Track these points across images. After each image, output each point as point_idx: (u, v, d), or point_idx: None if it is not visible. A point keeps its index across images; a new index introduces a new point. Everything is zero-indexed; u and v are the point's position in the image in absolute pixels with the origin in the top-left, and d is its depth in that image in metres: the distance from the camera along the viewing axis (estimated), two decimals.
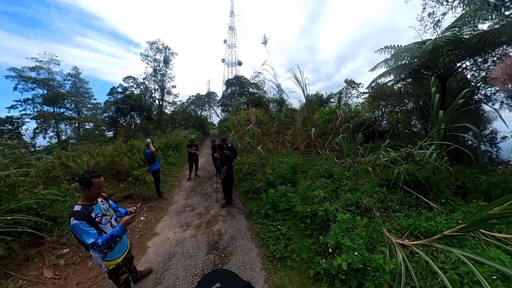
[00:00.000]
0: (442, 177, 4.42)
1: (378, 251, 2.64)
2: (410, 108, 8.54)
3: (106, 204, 2.11)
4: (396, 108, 8.79)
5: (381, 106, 9.06)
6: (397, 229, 3.24)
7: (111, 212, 2.12)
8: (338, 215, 3.00)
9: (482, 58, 6.62)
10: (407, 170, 4.09)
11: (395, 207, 3.82)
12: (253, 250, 3.12)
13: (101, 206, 2.02)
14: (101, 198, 2.10)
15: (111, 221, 2.04)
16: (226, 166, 4.08)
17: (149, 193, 5.11)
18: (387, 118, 8.91)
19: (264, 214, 3.74)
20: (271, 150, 6.51)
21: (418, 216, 3.47)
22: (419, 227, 3.15)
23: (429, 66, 6.17)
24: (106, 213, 2.03)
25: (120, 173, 5.47)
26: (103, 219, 1.96)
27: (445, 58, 6.17)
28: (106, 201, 2.14)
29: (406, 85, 8.69)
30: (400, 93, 8.39)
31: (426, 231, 3.03)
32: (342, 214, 2.77)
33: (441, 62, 6.35)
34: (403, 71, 5.56)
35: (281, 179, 4.22)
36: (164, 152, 8.32)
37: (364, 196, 3.69)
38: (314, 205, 3.39)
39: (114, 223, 2.07)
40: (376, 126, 8.10)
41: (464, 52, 5.93)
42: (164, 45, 21.45)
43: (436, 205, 3.78)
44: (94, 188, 1.86)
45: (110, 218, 2.05)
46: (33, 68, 19.26)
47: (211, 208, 4.39)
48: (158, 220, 4.08)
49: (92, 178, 1.84)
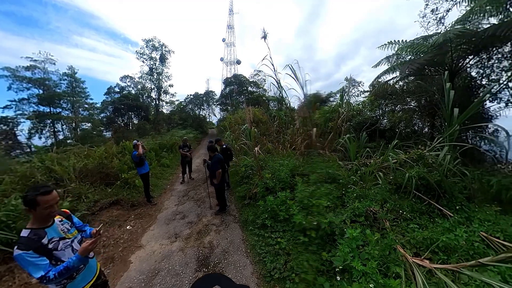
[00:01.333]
0: (454, 181, 4.03)
1: (392, 273, 2.24)
2: (412, 107, 8.18)
3: (68, 223, 1.67)
4: (397, 107, 8.44)
5: (382, 104, 8.70)
6: (412, 243, 2.84)
7: (74, 233, 1.68)
8: (346, 229, 2.59)
9: (487, 55, 6.22)
10: (419, 174, 3.67)
11: (406, 215, 3.41)
12: (248, 268, 2.71)
13: (59, 228, 1.58)
14: (60, 216, 1.67)
15: (72, 244, 1.61)
16: (221, 168, 3.69)
17: (138, 198, 4.70)
18: (389, 116, 8.55)
19: (261, 224, 3.33)
20: (270, 151, 6.10)
21: (434, 227, 3.07)
22: (437, 241, 2.75)
23: (436, 61, 5.76)
24: (65, 235, 1.60)
25: (109, 176, 5.05)
26: (61, 243, 1.53)
27: (453, 53, 5.76)
28: (68, 220, 1.71)
29: (408, 83, 8.31)
30: (403, 91, 7.99)
31: (445, 246, 2.63)
32: (352, 230, 2.35)
33: (448, 57, 5.94)
34: (410, 67, 5.14)
35: (281, 183, 3.80)
36: (158, 153, 7.90)
37: (374, 205, 3.29)
38: (319, 216, 2.99)
39: (77, 247, 1.65)
40: (378, 125, 7.78)
41: (474, 47, 5.51)
42: (160, 42, 20.91)
43: (451, 213, 3.39)
44: (42, 208, 1.43)
45: (72, 240, 1.63)
46: (28, 68, 18.73)
47: (204, 215, 3.97)
48: (145, 229, 3.67)
49: (37, 196, 1.40)
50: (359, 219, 3.08)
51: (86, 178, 4.69)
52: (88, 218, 3.87)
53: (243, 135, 5.77)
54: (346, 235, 2.52)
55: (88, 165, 4.93)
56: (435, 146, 3.91)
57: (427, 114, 7.13)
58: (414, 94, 7.76)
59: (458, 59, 5.98)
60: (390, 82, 7.99)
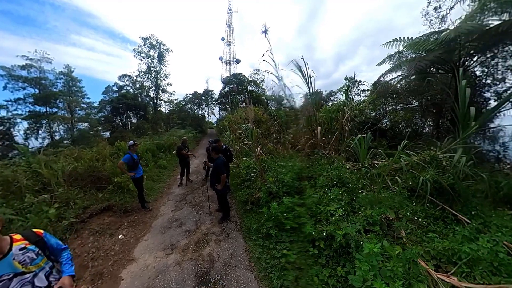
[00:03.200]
0: (468, 184, 3.75)
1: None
2: (414, 106, 7.92)
3: (34, 251, 1.26)
4: (398, 106, 8.20)
5: (383, 104, 8.45)
6: (432, 254, 2.53)
7: (41, 263, 1.27)
8: (363, 242, 2.26)
9: (492, 54, 5.96)
10: (434, 177, 3.36)
11: (421, 222, 3.11)
12: (253, 284, 2.38)
13: (16, 260, 1.17)
14: (24, 241, 1.27)
15: (34, 281, 1.22)
16: (226, 172, 3.35)
17: (132, 203, 4.31)
18: (391, 116, 8.30)
19: (266, 234, 2.99)
20: (271, 151, 5.76)
21: (453, 235, 2.77)
22: (459, 252, 2.45)
23: (444, 59, 5.46)
24: (25, 268, 1.20)
25: (101, 180, 4.65)
26: (14, 282, 1.15)
27: (461, 50, 5.47)
28: (36, 246, 1.29)
29: (409, 82, 8.05)
30: (407, 90, 7.71)
31: (468, 258, 2.32)
32: (371, 245, 2.02)
33: (456, 55, 5.65)
34: (418, 64, 4.83)
35: (286, 187, 3.46)
36: (156, 154, 7.49)
37: (389, 211, 2.97)
38: (330, 226, 2.65)
39: (41, 283, 1.25)
40: (380, 125, 7.55)
41: (483, 45, 5.22)
42: (158, 40, 20.35)
43: (465, 218, 3.12)
44: None
45: (34, 275, 1.23)
46: (23, 67, 18.07)
47: (202, 223, 3.61)
48: (139, 239, 3.31)
49: None
50: (374, 228, 2.76)
51: (75, 182, 4.29)
52: (77, 226, 3.49)
53: (244, 135, 5.41)
54: (364, 249, 2.19)
55: (78, 168, 4.53)
56: (451, 147, 3.59)
57: (433, 114, 6.84)
58: (417, 93, 7.49)
59: (465, 57, 5.70)
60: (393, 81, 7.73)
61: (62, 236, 3.24)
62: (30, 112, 17.51)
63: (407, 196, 3.35)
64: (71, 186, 4.15)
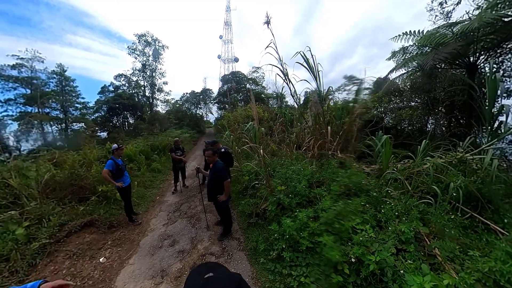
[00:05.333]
0: (498, 188, 3.26)
1: None
2: (421, 104, 7.48)
3: None
4: (403, 104, 7.77)
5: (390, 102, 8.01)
6: (475, 277, 2.01)
7: None
8: (406, 274, 1.72)
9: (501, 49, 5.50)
10: (465, 182, 2.84)
11: (454, 234, 2.59)
12: None
13: None
14: None
15: None
16: (229, 178, 2.77)
17: (118, 216, 3.67)
18: (396, 114, 7.86)
19: (277, 256, 2.42)
20: (275, 152, 5.18)
21: (491, 251, 2.25)
22: (508, 274, 1.93)
23: (459, 52, 4.96)
24: None
25: (84, 190, 3.99)
26: None
27: (477, 43, 4.99)
28: None
29: (416, 79, 7.61)
30: (414, 87, 7.26)
31: None
32: (419, 278, 1.47)
33: (472, 49, 5.16)
34: (435, 57, 4.31)
35: (298, 198, 2.89)
36: (149, 156, 6.82)
37: (420, 226, 2.44)
38: (356, 248, 2.10)
39: None
40: (385, 123, 7.13)
41: (503, 37, 4.72)
42: (153, 37, 19.46)
43: (498, 227, 2.61)
44: None
45: None
46: (13, 66, 17.04)
47: (199, 240, 3.01)
48: (123, 263, 2.69)
49: None
50: (408, 247, 2.22)
51: (53, 194, 3.63)
52: (51, 248, 2.85)
53: (246, 135, 4.81)
54: (409, 282, 1.65)
55: (57, 176, 3.87)
56: (483, 148, 3.07)
57: (445, 111, 6.36)
58: (423, 90, 7.03)
59: (481, 51, 5.22)
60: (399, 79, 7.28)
61: (31, 262, 2.62)
62: (21, 113, 16.54)
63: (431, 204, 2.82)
64: (47, 198, 3.50)
